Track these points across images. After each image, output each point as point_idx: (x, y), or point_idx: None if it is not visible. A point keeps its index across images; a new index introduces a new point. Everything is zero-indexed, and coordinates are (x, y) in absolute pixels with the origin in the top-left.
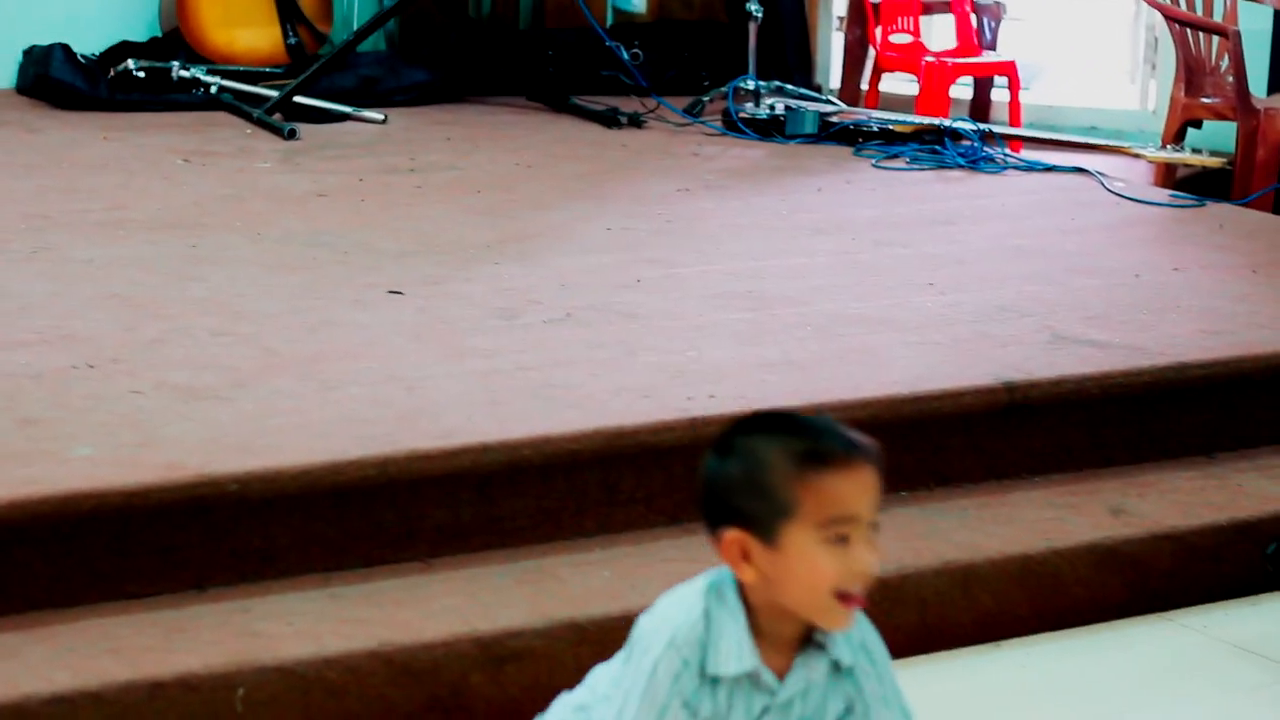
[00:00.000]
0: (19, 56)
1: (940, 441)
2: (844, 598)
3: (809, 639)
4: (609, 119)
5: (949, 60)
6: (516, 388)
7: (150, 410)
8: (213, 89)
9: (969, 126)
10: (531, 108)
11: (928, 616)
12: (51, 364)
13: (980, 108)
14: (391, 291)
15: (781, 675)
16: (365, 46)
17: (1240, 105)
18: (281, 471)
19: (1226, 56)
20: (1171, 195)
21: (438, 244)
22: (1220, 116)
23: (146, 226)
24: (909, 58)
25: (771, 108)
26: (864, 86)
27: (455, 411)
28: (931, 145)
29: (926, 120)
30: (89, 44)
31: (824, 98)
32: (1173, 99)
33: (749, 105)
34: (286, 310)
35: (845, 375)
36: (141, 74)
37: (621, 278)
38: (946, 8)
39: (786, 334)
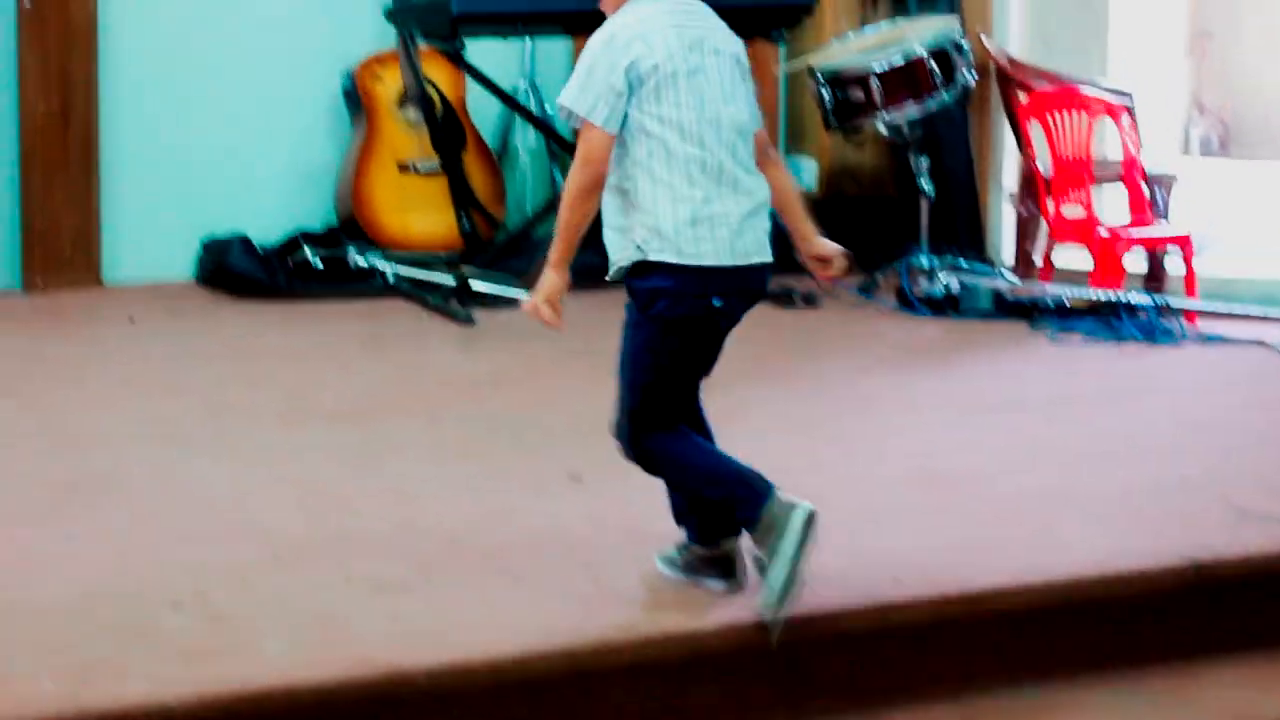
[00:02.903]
0: (198, 248)
1: (1125, 622)
2: None
3: None
4: (783, 298)
5: (1122, 232)
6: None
7: (337, 603)
8: (389, 276)
9: (1144, 299)
10: None
11: None
12: (237, 557)
13: (1155, 279)
14: (572, 477)
15: None
16: (540, 231)
17: None
18: (471, 664)
19: None
20: None
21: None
22: None
23: (326, 415)
24: (1082, 230)
25: (945, 284)
26: (1037, 260)
27: (638, 598)
28: (1107, 318)
29: (1101, 293)
30: (266, 234)
31: (997, 272)
32: None
33: (923, 281)
34: (467, 498)
35: (1028, 555)
36: (318, 263)
37: (800, 460)
38: (1118, 179)
39: (968, 513)
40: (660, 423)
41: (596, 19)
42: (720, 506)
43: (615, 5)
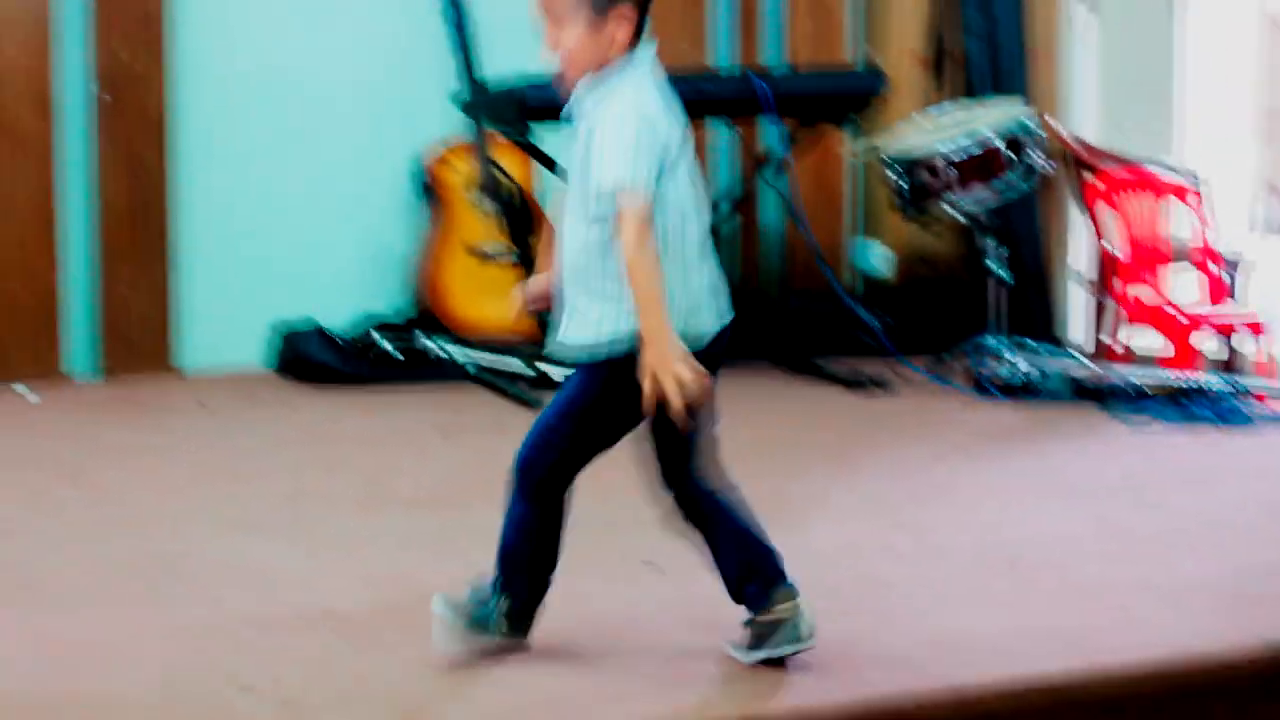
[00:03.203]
0: (274, 335)
1: (1206, 709)
2: None
3: None
4: (856, 383)
5: (1194, 314)
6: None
7: (411, 687)
8: (464, 363)
9: (1217, 382)
10: (778, 372)
11: None
12: (311, 642)
13: (1228, 361)
14: (647, 565)
15: None
16: None
17: None
18: None
19: None
20: None
21: None
22: None
23: (403, 501)
24: (1153, 312)
25: (1018, 367)
26: (1109, 342)
27: (717, 685)
28: (1180, 401)
29: (1174, 376)
30: (339, 320)
31: (1070, 355)
32: None
33: (995, 365)
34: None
35: (1107, 641)
36: (394, 350)
37: (876, 546)
38: (1189, 260)
39: (1047, 599)
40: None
41: None
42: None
43: (600, 66)
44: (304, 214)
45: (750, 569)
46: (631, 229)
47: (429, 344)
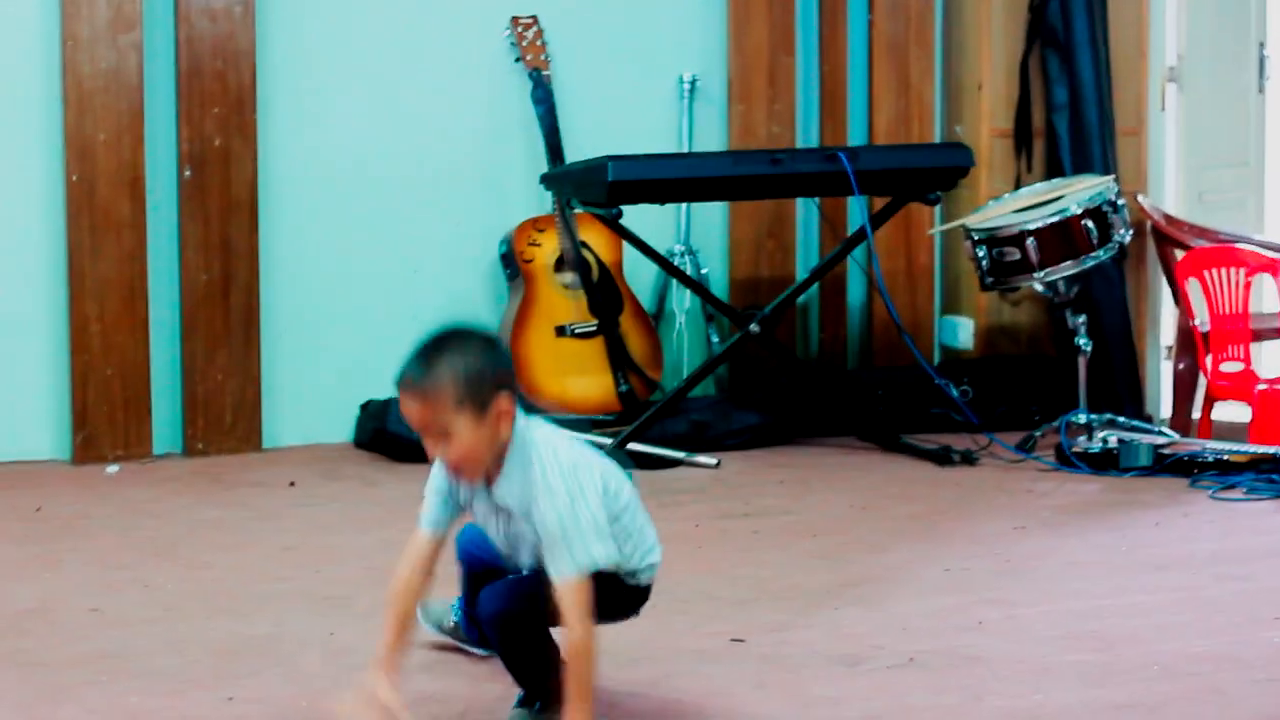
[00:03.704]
0: (357, 411)
1: None
2: None
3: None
4: (941, 457)
5: None
6: None
7: None
8: None
9: None
10: (862, 447)
11: None
12: None
13: None
14: (733, 640)
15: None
16: (696, 392)
17: None
18: None
19: None
20: None
21: (776, 589)
22: None
23: None
24: (1241, 386)
25: (1104, 441)
26: (1196, 416)
27: None
28: (1269, 474)
29: (1262, 449)
30: None
31: (1156, 428)
32: None
33: (1081, 439)
34: (630, 660)
35: (1195, 715)
36: None
37: (962, 620)
38: (1277, 334)
39: (1133, 675)
40: None
41: (751, 184)
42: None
43: (498, 452)
44: (390, 291)
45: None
46: (581, 608)
47: None
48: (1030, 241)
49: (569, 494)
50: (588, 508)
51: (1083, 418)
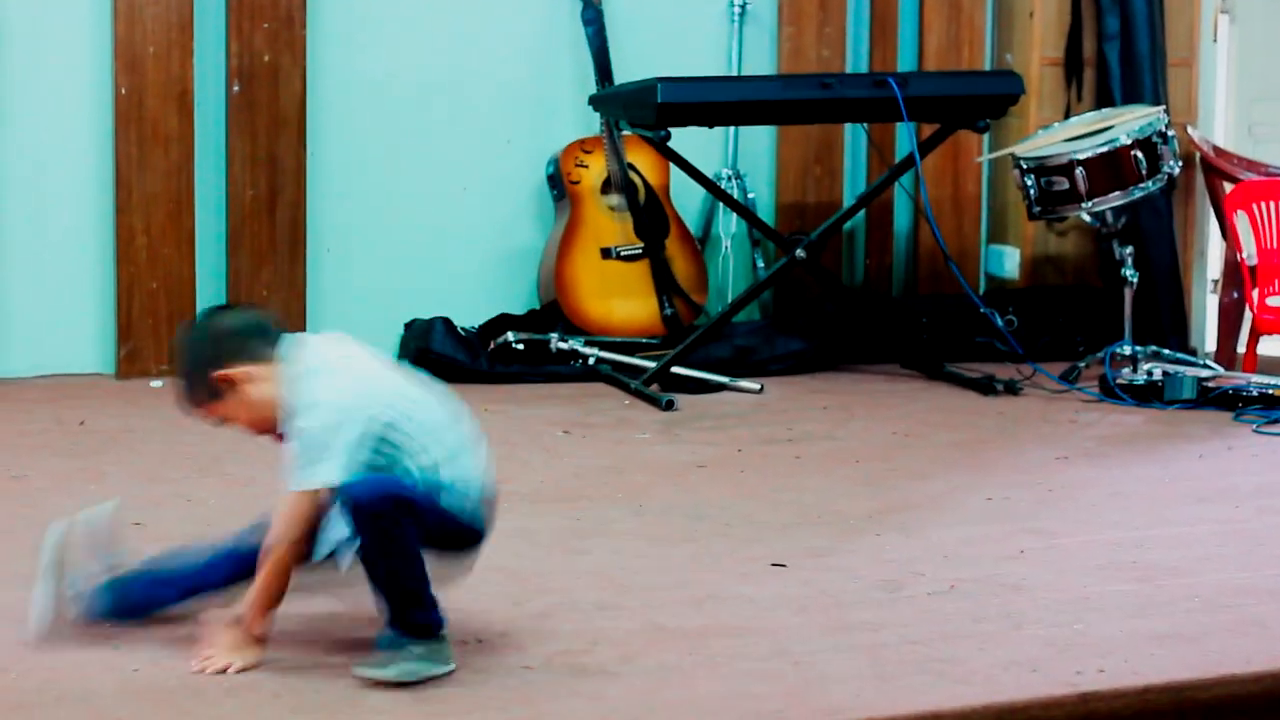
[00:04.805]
0: (400, 330)
1: None
2: None
3: None
4: (985, 386)
5: None
6: (903, 661)
7: (539, 685)
8: (591, 360)
9: None
10: (906, 375)
11: None
12: None
13: None
14: (774, 564)
15: None
16: (740, 316)
17: None
18: None
19: None
20: None
21: (818, 515)
22: None
23: (530, 499)
24: None
25: (1149, 373)
26: (1241, 350)
27: (843, 686)
28: None
29: None
30: (468, 317)
31: (1201, 361)
32: None
33: (1126, 371)
34: (672, 583)
35: (1236, 648)
36: (520, 346)
37: (1004, 548)
38: None
39: (1174, 606)
40: None
41: (800, 109)
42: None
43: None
44: (436, 211)
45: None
46: (293, 519)
47: (555, 339)
48: (1079, 171)
49: (304, 410)
50: (317, 421)
51: (1127, 349)
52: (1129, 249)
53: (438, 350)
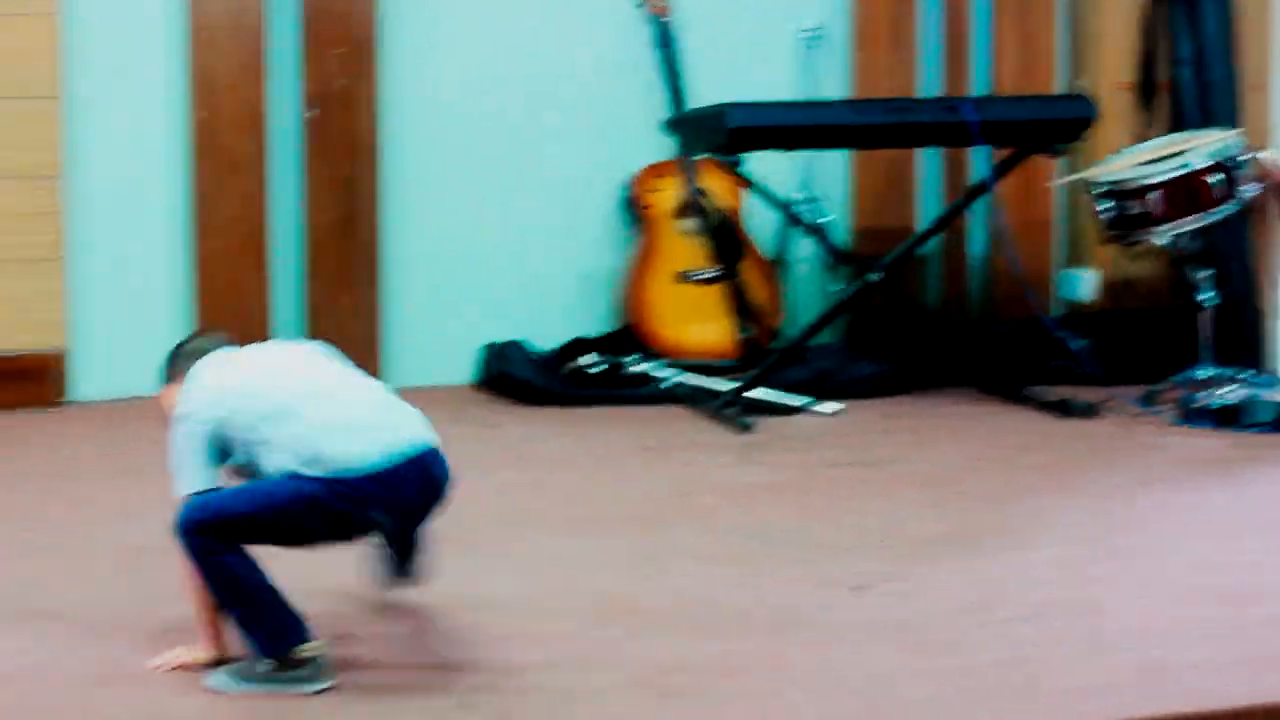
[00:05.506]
0: (478, 352)
1: None
2: None
3: None
4: (1062, 409)
5: None
6: (984, 686)
7: (623, 707)
8: (667, 383)
9: None
10: (982, 399)
11: None
12: (525, 658)
13: None
14: (854, 588)
15: None
16: (820, 339)
17: None
18: None
19: None
20: None
21: (897, 538)
22: None
23: (606, 521)
24: None
25: (1226, 396)
26: None
27: (924, 711)
28: None
29: None
30: (545, 340)
31: (1279, 384)
32: None
33: (1204, 394)
34: (749, 607)
35: None
36: (597, 369)
37: (1084, 573)
38: None
39: (1259, 630)
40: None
41: (872, 133)
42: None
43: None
44: (512, 235)
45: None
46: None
47: (634, 365)
48: (1153, 195)
49: (173, 423)
50: (179, 435)
51: (1206, 372)
52: (1205, 272)
53: (515, 373)
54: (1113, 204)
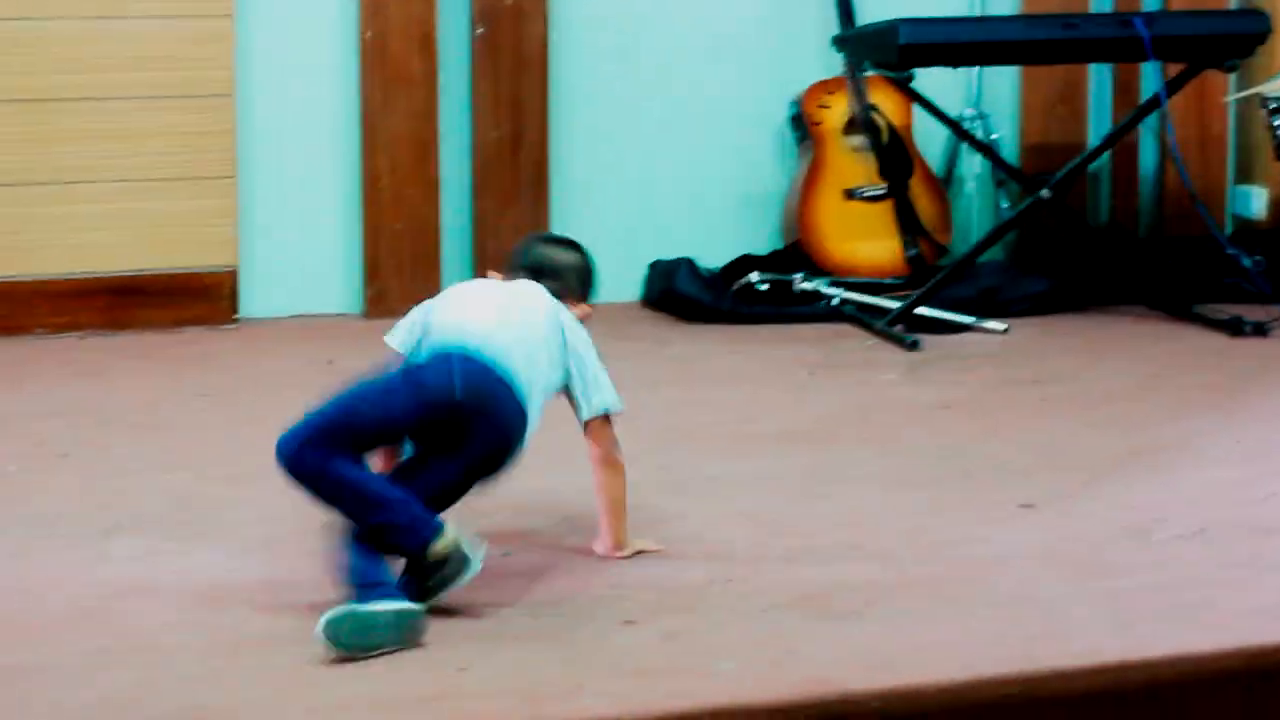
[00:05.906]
0: (646, 270)
1: None
2: None
3: None
4: (1233, 327)
5: None
6: (1149, 607)
7: (786, 626)
8: (834, 301)
9: None
10: (1152, 316)
11: None
12: (690, 578)
13: None
14: (1022, 505)
15: None
16: (984, 257)
17: None
18: (923, 689)
19: None
20: None
21: (1063, 458)
22: None
23: (773, 440)
24: None
25: None
26: None
27: (1086, 631)
28: None
29: None
30: (712, 258)
31: None
32: None
33: None
34: (914, 527)
35: None
36: (764, 287)
37: (1254, 492)
38: None
39: None
40: None
41: (1044, 49)
42: None
43: None
44: (680, 151)
45: None
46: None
47: (801, 282)
48: None
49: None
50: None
51: None
52: None
53: (681, 290)
54: None
